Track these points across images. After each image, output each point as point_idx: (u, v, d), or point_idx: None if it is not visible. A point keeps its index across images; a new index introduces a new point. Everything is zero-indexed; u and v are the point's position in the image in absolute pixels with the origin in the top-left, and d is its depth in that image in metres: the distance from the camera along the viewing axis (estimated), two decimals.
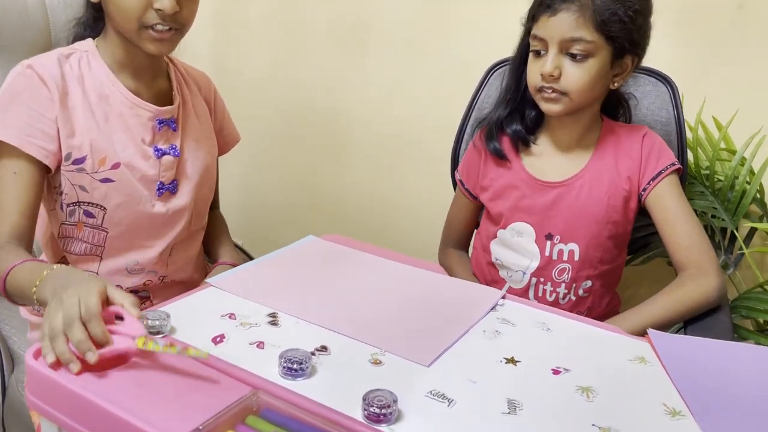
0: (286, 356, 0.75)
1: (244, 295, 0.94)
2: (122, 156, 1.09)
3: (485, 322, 0.92)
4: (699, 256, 1.04)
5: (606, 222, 1.10)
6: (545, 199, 1.12)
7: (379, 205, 1.98)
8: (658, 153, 1.10)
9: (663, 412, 0.74)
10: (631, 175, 1.10)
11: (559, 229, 1.12)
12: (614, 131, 1.14)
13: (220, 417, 0.67)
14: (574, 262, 1.12)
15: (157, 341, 0.72)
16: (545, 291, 1.14)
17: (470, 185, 1.23)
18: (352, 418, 0.68)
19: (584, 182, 1.11)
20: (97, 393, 0.68)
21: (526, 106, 1.15)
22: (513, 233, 1.15)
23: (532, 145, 1.15)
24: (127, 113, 1.10)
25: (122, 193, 1.10)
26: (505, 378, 0.79)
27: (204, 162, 1.21)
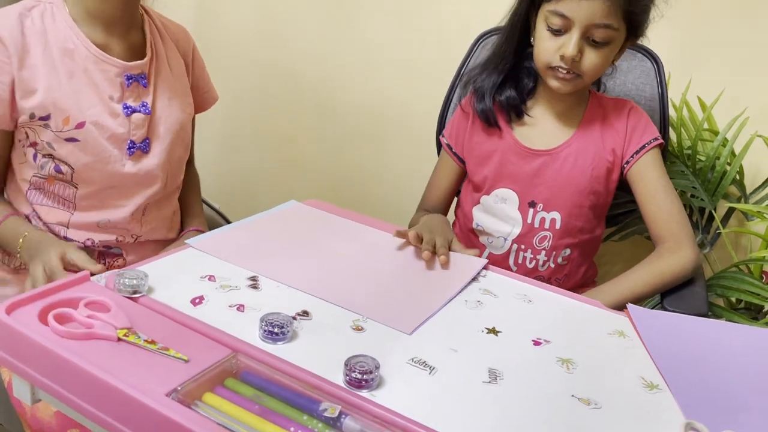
0: (267, 320, 0.74)
1: (225, 257, 0.92)
2: (88, 114, 1.05)
3: (467, 292, 0.92)
4: (677, 229, 1.06)
5: (588, 192, 1.12)
6: (531, 167, 1.13)
7: (360, 173, 1.96)
8: (643, 127, 1.12)
9: (641, 385, 0.75)
10: (615, 148, 1.12)
11: (543, 197, 1.13)
12: (601, 104, 1.15)
13: (199, 379, 0.66)
14: (555, 230, 1.13)
15: (139, 335, 0.70)
16: (525, 258, 1.15)
17: (458, 149, 1.22)
18: (333, 383, 0.67)
19: (570, 152, 1.12)
20: (73, 351, 0.66)
21: (519, 74, 1.15)
22: (496, 199, 1.16)
23: (525, 115, 1.15)
24: (93, 68, 1.06)
25: (89, 152, 1.06)
26: (487, 348, 0.79)
27: (178, 120, 1.17)
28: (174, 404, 0.61)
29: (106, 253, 1.15)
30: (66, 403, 0.66)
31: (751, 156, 1.43)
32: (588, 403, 0.70)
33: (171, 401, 0.62)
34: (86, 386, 0.64)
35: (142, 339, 0.69)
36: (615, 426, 0.67)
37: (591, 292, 1.01)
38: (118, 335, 0.69)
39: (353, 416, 0.63)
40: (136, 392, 0.61)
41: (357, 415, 0.63)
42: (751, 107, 1.41)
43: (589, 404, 0.70)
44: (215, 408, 0.63)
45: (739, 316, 1.21)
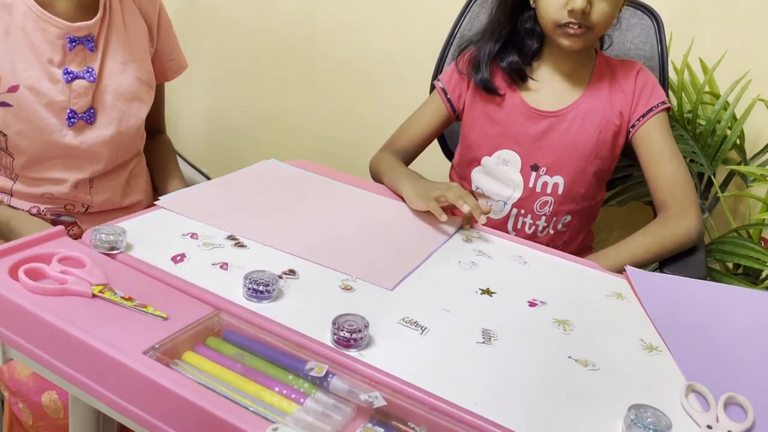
0: (252, 278, 0.70)
1: (199, 217, 0.87)
2: (23, 78, 0.97)
3: (460, 253, 0.89)
4: (682, 196, 1.03)
5: (594, 157, 1.08)
6: (536, 129, 1.09)
7: (350, 136, 1.92)
8: (650, 90, 1.08)
9: (640, 347, 0.72)
10: (623, 111, 1.08)
11: (547, 161, 1.09)
12: (609, 65, 1.11)
13: (178, 337, 0.62)
14: (557, 195, 1.09)
15: (115, 291, 0.66)
16: (524, 223, 1.11)
17: (454, 97, 1.17)
18: (320, 343, 0.64)
19: (577, 114, 1.08)
20: (45, 307, 0.62)
21: (520, 37, 1.10)
22: (498, 161, 1.12)
23: (530, 78, 1.11)
24: (31, 27, 0.97)
25: (22, 119, 0.99)
26: (480, 308, 0.76)
27: (131, 90, 1.07)
28: (151, 362, 0.58)
29: (57, 221, 1.09)
30: (38, 361, 0.63)
31: (753, 120, 1.39)
32: (585, 364, 0.67)
33: (148, 359, 0.58)
34: (59, 344, 0.61)
35: (118, 296, 0.66)
36: (614, 387, 0.64)
37: (591, 257, 0.98)
38: (93, 291, 0.66)
39: (341, 376, 0.60)
40: (112, 350, 0.58)
41: (345, 375, 0.60)
42: (753, 70, 1.36)
43: (586, 365, 0.67)
44: (195, 367, 0.60)
45: (739, 281, 1.19)
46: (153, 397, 0.57)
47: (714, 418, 0.60)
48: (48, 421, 0.90)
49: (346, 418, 0.56)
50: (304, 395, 0.58)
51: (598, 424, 0.59)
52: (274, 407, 0.56)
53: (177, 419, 0.56)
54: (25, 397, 0.91)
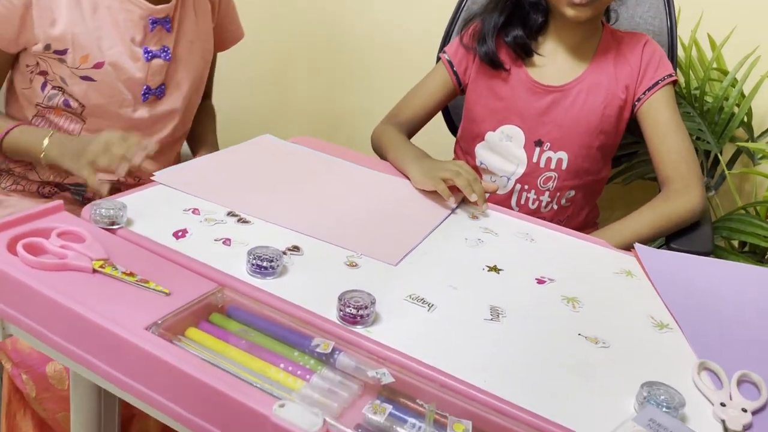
0: (255, 253, 0.69)
1: (197, 192, 0.84)
2: (108, 55, 1.00)
3: (467, 230, 0.87)
4: (686, 170, 1.02)
5: (598, 132, 1.06)
6: (540, 104, 1.07)
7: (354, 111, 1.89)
8: (657, 63, 1.06)
9: (650, 324, 0.71)
10: (629, 84, 1.06)
11: (551, 137, 1.07)
12: (615, 37, 1.09)
13: (181, 313, 0.61)
14: (561, 171, 1.08)
15: (116, 267, 0.65)
16: (528, 199, 1.10)
17: (460, 70, 1.15)
18: (325, 319, 0.63)
19: (582, 88, 1.06)
20: (44, 282, 0.61)
21: (524, 11, 1.08)
22: (502, 136, 1.10)
23: (535, 53, 1.09)
24: (117, 7, 1.00)
25: (103, 94, 1.02)
26: (488, 285, 0.74)
27: (197, 67, 1.12)
28: (154, 338, 0.57)
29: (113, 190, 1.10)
30: (39, 337, 0.62)
31: (761, 97, 1.37)
32: (595, 341, 0.66)
33: (151, 335, 0.57)
34: (59, 319, 0.60)
35: (119, 271, 0.64)
36: (625, 365, 0.63)
37: (595, 234, 0.97)
38: (93, 266, 0.64)
39: (347, 352, 0.59)
40: (113, 325, 0.57)
41: (351, 351, 0.59)
42: (763, 45, 1.34)
43: (596, 343, 0.66)
44: (199, 343, 0.59)
45: (745, 259, 1.18)
46: (156, 373, 0.56)
47: (727, 395, 0.59)
48: (52, 392, 0.89)
49: (353, 394, 0.55)
50: (310, 372, 0.57)
51: (610, 401, 0.58)
52: (279, 384, 0.55)
53: (180, 395, 0.55)
54: (29, 368, 0.90)
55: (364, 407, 0.53)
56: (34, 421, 0.95)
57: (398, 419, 0.52)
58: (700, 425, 0.56)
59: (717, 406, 0.58)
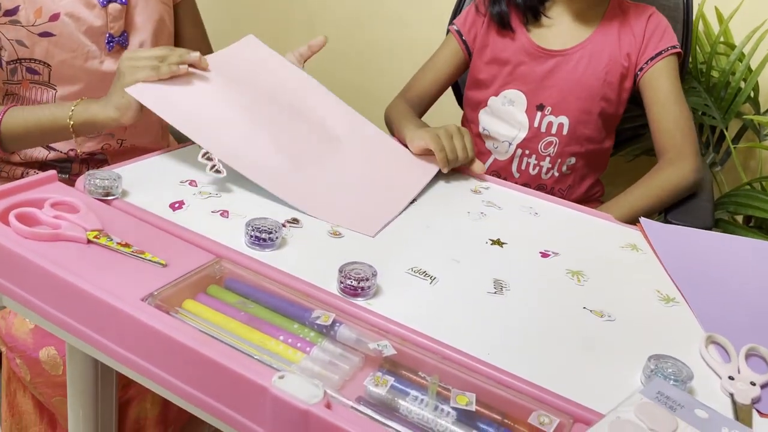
0: (254, 225, 0.68)
1: (171, 118, 0.79)
2: (62, 5, 0.96)
3: (469, 204, 0.86)
4: (681, 140, 1.01)
5: (600, 98, 1.06)
6: (543, 68, 1.07)
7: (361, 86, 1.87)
8: (661, 34, 1.05)
9: (657, 298, 0.70)
10: (630, 53, 1.06)
11: (552, 101, 1.07)
12: (622, 7, 1.09)
13: (178, 284, 0.60)
14: (562, 135, 1.08)
15: (111, 237, 0.63)
16: (529, 164, 1.11)
17: (469, 39, 1.14)
18: (325, 291, 0.62)
19: (584, 53, 1.06)
20: (37, 252, 0.59)
21: None
22: (504, 101, 1.10)
23: (543, 17, 1.08)
24: None
25: (65, 48, 0.98)
26: (491, 259, 0.73)
27: (156, 9, 1.07)
28: (150, 309, 0.56)
29: (90, 159, 1.09)
30: (33, 309, 0.61)
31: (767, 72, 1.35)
32: (601, 315, 0.65)
33: (147, 306, 0.56)
34: (54, 291, 0.58)
35: (114, 242, 0.63)
36: (631, 338, 0.62)
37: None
38: (87, 237, 0.62)
39: (348, 324, 0.58)
40: (109, 296, 0.56)
41: (352, 323, 0.58)
42: None
43: (602, 316, 0.65)
44: (197, 315, 0.57)
45: (752, 233, 1.17)
46: (153, 345, 0.55)
47: (735, 369, 0.58)
48: (46, 378, 0.88)
49: (354, 367, 0.54)
50: (311, 344, 0.56)
51: (616, 374, 0.57)
52: (279, 356, 0.54)
53: (178, 368, 0.54)
54: (22, 353, 0.89)
55: (366, 379, 0.52)
56: (34, 400, 0.95)
57: (400, 392, 0.51)
58: (709, 399, 0.55)
59: (725, 380, 0.57)
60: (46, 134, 0.94)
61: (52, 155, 1.05)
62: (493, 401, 0.52)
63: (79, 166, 1.08)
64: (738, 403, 0.55)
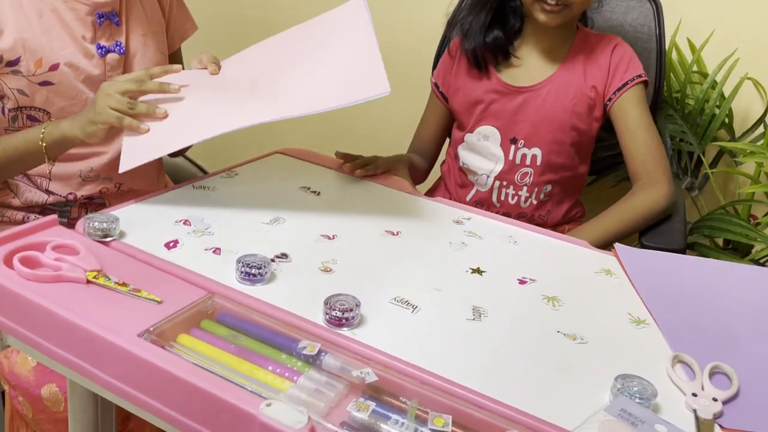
0: (244, 261, 0.71)
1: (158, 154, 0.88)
2: (61, 55, 1.01)
3: (451, 234, 0.90)
4: (653, 165, 1.06)
5: (569, 128, 1.11)
6: (513, 104, 1.13)
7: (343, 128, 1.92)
8: (626, 64, 1.11)
9: (628, 320, 0.73)
10: (596, 84, 1.11)
11: (524, 134, 1.13)
12: (588, 40, 1.14)
13: (172, 320, 0.64)
14: (536, 166, 1.13)
15: (109, 277, 0.67)
16: (507, 194, 1.16)
17: (444, 88, 1.22)
18: (313, 323, 0.65)
19: (551, 87, 1.12)
20: (40, 294, 0.63)
21: (505, 14, 1.14)
22: (479, 137, 1.16)
23: (512, 56, 1.14)
24: (62, 8, 1.01)
25: (65, 96, 1.03)
26: (471, 287, 0.77)
27: (153, 60, 1.12)
28: (147, 344, 0.59)
29: (89, 203, 1.13)
30: (35, 347, 0.64)
31: (741, 99, 1.40)
32: (574, 338, 0.69)
33: (143, 341, 0.60)
34: (55, 329, 0.62)
35: (112, 281, 0.67)
36: (601, 359, 0.66)
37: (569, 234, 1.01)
38: (87, 278, 0.66)
39: (333, 353, 0.61)
40: (107, 333, 0.59)
41: (337, 353, 0.61)
42: (741, 48, 1.37)
43: (575, 339, 0.68)
44: (190, 348, 0.61)
45: (727, 256, 1.20)
46: (149, 378, 0.58)
47: (699, 386, 0.62)
48: (48, 414, 0.91)
49: (339, 394, 0.57)
50: (298, 373, 0.59)
51: (586, 394, 0.60)
52: (268, 385, 0.58)
53: (173, 399, 0.57)
54: (24, 391, 0.92)
55: (349, 405, 0.55)
56: None
57: (381, 416, 0.55)
58: (673, 414, 0.58)
59: (689, 396, 0.60)
60: (22, 160, 0.99)
61: (52, 199, 1.09)
62: (468, 422, 0.55)
63: (78, 210, 1.12)
64: (700, 418, 0.58)
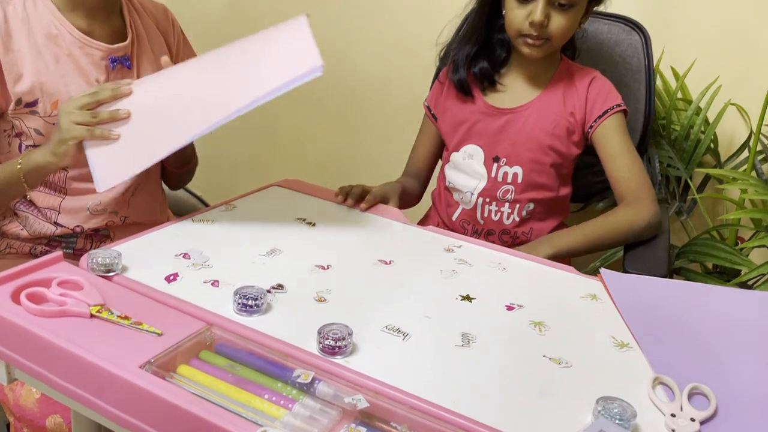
0: (242, 293, 0.74)
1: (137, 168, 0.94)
2: None
3: (442, 262, 0.93)
4: (638, 186, 1.11)
5: (548, 148, 1.17)
6: (496, 124, 1.19)
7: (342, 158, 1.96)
8: (605, 96, 1.17)
9: (612, 344, 0.76)
10: (574, 111, 1.17)
11: (506, 152, 1.18)
12: (569, 70, 1.20)
13: (172, 351, 0.66)
14: (517, 184, 1.18)
15: (112, 311, 0.70)
16: (491, 211, 1.20)
17: (435, 110, 1.28)
18: (307, 352, 0.68)
19: (533, 110, 1.18)
20: (46, 328, 0.66)
21: (492, 46, 1.21)
22: (465, 155, 1.22)
23: (497, 83, 1.21)
24: (78, 53, 1.07)
25: None
26: (460, 314, 0.80)
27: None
28: (148, 375, 0.62)
29: (95, 235, 1.17)
30: (41, 379, 0.67)
31: (725, 124, 1.44)
32: (559, 362, 0.71)
33: (145, 373, 0.62)
34: (60, 361, 0.65)
35: (115, 315, 0.70)
36: (585, 382, 0.68)
37: (552, 236, 1.07)
38: (90, 312, 0.70)
39: (326, 381, 0.64)
40: (110, 365, 0.62)
41: (330, 380, 0.64)
42: (723, 75, 1.42)
43: (559, 363, 0.71)
44: (189, 379, 0.64)
45: (713, 280, 1.23)
46: (150, 408, 0.61)
47: (678, 407, 0.64)
48: None
49: (332, 420, 0.60)
50: (292, 401, 0.62)
51: (570, 417, 0.63)
52: (264, 413, 0.60)
53: (174, 428, 0.60)
54: (29, 423, 0.94)
55: (341, 431, 0.58)
56: None
57: None
58: None
59: (668, 417, 0.63)
60: (4, 191, 1.04)
61: (59, 231, 1.13)
62: None
63: (83, 241, 1.16)
64: None
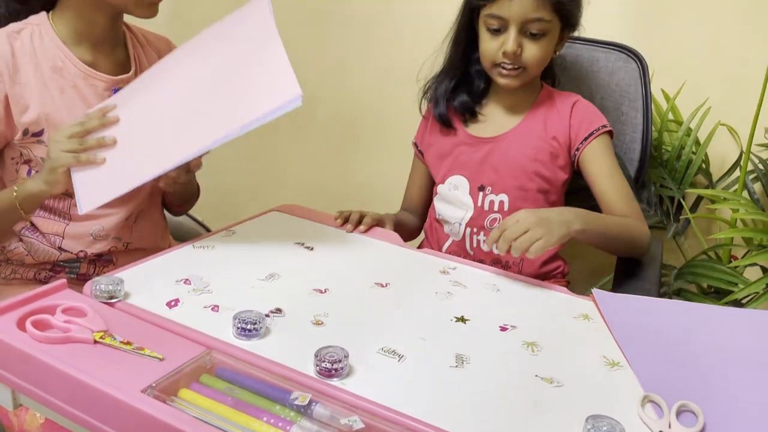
0: (241, 317, 0.76)
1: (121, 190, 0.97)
2: None
3: (437, 284, 0.95)
4: (627, 207, 1.13)
5: (533, 174, 1.18)
6: (479, 154, 1.21)
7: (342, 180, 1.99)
8: (590, 119, 1.18)
9: (602, 363, 0.78)
10: (557, 136, 1.18)
11: (490, 181, 1.20)
12: (550, 97, 1.22)
13: (173, 375, 0.68)
14: (504, 211, 1.19)
15: (115, 337, 0.73)
16: (479, 241, 1.21)
17: (422, 146, 1.30)
18: (304, 374, 0.70)
19: (514, 138, 1.19)
20: (50, 354, 0.68)
21: (470, 78, 1.23)
22: (450, 187, 1.23)
23: (478, 114, 1.23)
24: (82, 84, 1.11)
25: None
26: (455, 335, 0.81)
27: None
28: (149, 400, 0.64)
29: (98, 260, 1.19)
30: (46, 405, 0.69)
31: (716, 144, 1.47)
32: (550, 381, 0.73)
33: (146, 397, 0.64)
34: (64, 387, 0.67)
35: (117, 341, 0.72)
36: (575, 401, 0.70)
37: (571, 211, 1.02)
38: (94, 338, 0.72)
39: (323, 403, 0.66)
40: (112, 389, 0.64)
41: (327, 402, 0.66)
42: (712, 96, 1.45)
43: (551, 382, 0.73)
44: (190, 402, 0.66)
45: (710, 300, 1.25)
46: (152, 431, 0.62)
47: (667, 424, 0.66)
48: None
49: None
50: (291, 423, 0.63)
51: None
52: None
53: None
54: None
55: None
56: None
57: None
58: None
59: None
60: (4, 219, 1.08)
61: (63, 256, 1.15)
62: None
63: (87, 266, 1.18)
64: None
